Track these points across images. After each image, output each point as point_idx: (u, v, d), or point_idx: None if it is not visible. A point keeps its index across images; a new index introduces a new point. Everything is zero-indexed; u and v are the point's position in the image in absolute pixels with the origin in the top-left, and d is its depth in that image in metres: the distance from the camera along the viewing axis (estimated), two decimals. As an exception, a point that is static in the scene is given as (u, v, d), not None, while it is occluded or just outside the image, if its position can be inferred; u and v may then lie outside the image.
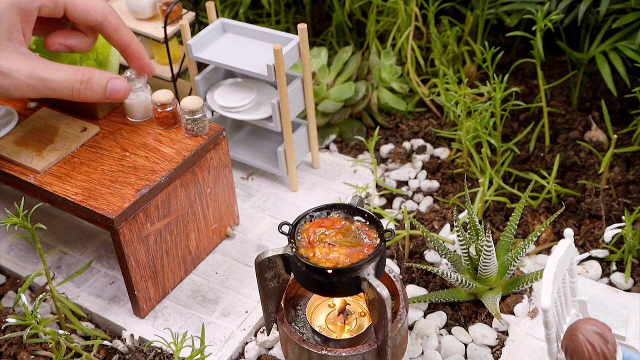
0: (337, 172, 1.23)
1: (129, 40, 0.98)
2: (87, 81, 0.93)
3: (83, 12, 0.95)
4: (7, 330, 1.01)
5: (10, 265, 1.12)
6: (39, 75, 0.91)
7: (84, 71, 0.93)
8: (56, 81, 0.92)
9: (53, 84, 0.91)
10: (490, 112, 1.11)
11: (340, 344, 0.90)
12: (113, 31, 0.97)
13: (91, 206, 0.93)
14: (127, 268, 0.97)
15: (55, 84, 0.92)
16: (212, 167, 1.05)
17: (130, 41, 0.98)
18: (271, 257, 0.85)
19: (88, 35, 0.99)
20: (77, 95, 0.93)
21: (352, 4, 1.39)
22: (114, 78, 0.95)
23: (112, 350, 1.00)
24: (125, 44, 0.98)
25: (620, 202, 1.13)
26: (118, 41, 0.98)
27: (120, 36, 0.98)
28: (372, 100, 1.30)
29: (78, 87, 0.93)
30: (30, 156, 1.00)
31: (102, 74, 0.95)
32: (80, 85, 0.93)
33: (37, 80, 0.90)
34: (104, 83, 0.94)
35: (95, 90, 0.94)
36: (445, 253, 1.01)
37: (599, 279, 1.03)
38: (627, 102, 1.30)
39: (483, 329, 0.98)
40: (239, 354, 0.99)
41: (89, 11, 0.95)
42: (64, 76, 0.92)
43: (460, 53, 1.36)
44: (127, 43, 0.98)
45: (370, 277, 0.81)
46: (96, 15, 0.95)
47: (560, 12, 1.24)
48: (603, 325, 0.71)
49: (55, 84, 0.92)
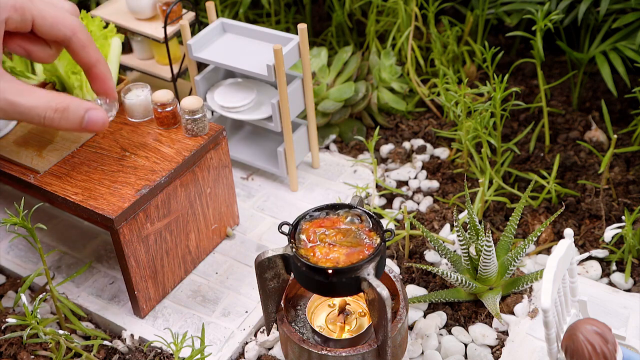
0: (337, 172, 1.23)
1: (95, 61, 0.93)
2: (62, 110, 0.88)
3: (52, 27, 0.89)
4: (7, 330, 1.01)
5: (10, 265, 1.12)
6: (8, 99, 0.85)
7: (61, 99, 0.88)
8: (26, 106, 0.86)
9: (22, 108, 0.86)
10: (490, 112, 1.11)
11: (340, 344, 0.89)
12: (80, 48, 0.92)
13: (91, 206, 0.93)
14: (127, 268, 0.97)
15: (24, 109, 0.86)
16: (212, 167, 1.05)
17: (96, 61, 0.94)
18: (271, 257, 0.85)
19: (51, 47, 0.94)
20: (49, 124, 0.88)
21: (352, 4, 1.39)
22: (93, 108, 0.90)
23: (112, 350, 1.00)
24: (91, 63, 0.93)
25: (620, 202, 1.13)
26: (84, 59, 0.93)
27: (87, 54, 0.93)
28: (372, 100, 1.30)
29: (51, 115, 0.87)
30: (30, 156, 1.00)
31: (80, 104, 0.89)
32: (54, 114, 0.87)
33: (6, 104, 0.85)
34: (80, 113, 0.89)
35: (70, 120, 0.89)
36: (445, 253, 1.01)
37: (599, 279, 1.03)
38: (627, 102, 1.30)
39: (483, 329, 0.98)
40: (239, 354, 0.99)
41: (58, 26, 0.90)
42: (36, 102, 0.87)
43: (460, 53, 1.36)
44: (93, 63, 0.93)
45: (370, 277, 0.81)
46: (65, 30, 0.90)
47: (560, 12, 1.24)
48: (603, 325, 0.71)
49: (24, 109, 0.86)
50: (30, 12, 0.87)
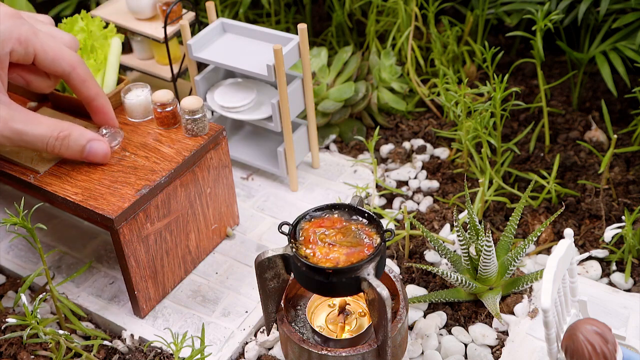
0: (337, 172, 1.23)
1: (94, 94, 0.97)
2: (63, 138, 0.92)
3: (52, 62, 0.93)
4: (7, 330, 1.01)
5: (10, 265, 1.12)
6: (14, 127, 0.89)
7: (63, 127, 0.92)
8: (32, 135, 0.90)
9: (29, 137, 0.90)
10: (490, 112, 1.11)
11: (340, 344, 0.89)
12: (80, 83, 0.96)
13: (91, 206, 0.93)
14: (127, 268, 0.97)
15: (30, 137, 0.91)
16: (212, 167, 1.05)
17: (96, 95, 0.97)
18: (271, 257, 0.85)
19: (50, 78, 0.98)
20: (51, 150, 0.93)
21: (352, 4, 1.39)
22: (95, 140, 0.94)
23: (112, 350, 1.00)
24: (91, 98, 0.97)
25: (620, 202, 1.13)
26: (84, 94, 0.97)
27: (86, 89, 0.96)
28: (372, 100, 1.30)
29: (53, 142, 0.92)
30: (30, 156, 1.00)
31: (83, 133, 0.93)
32: (56, 142, 0.92)
33: (12, 132, 0.89)
34: (82, 143, 0.93)
35: (71, 148, 0.93)
36: (445, 253, 1.01)
37: (599, 279, 1.03)
38: (627, 102, 1.30)
39: (483, 329, 0.98)
40: (239, 354, 0.99)
41: (59, 61, 0.93)
42: (41, 130, 0.91)
43: (460, 53, 1.36)
44: (93, 97, 0.97)
45: (370, 277, 0.81)
46: (65, 65, 0.94)
47: (560, 12, 1.24)
48: (603, 325, 0.71)
49: (30, 137, 0.91)
50: (34, 46, 0.91)
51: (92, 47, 1.07)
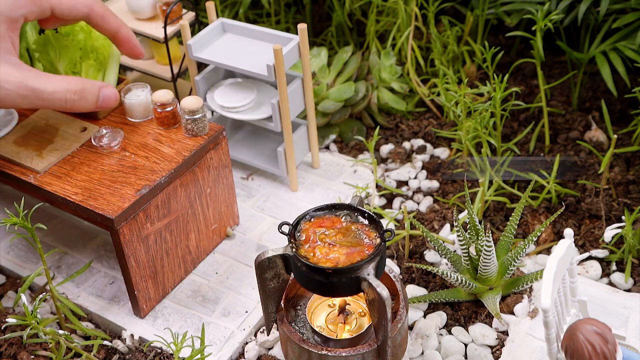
0: (337, 172, 1.23)
1: (117, 26, 1.00)
2: (80, 91, 0.93)
3: (69, 10, 0.96)
4: (7, 330, 1.01)
5: (10, 265, 1.12)
6: (29, 85, 0.89)
7: (76, 81, 0.93)
8: (47, 91, 0.91)
9: (45, 94, 0.90)
10: (490, 112, 1.11)
11: (340, 344, 0.89)
12: (100, 19, 0.98)
13: (91, 206, 0.93)
14: (127, 268, 0.97)
15: (46, 94, 0.91)
16: (212, 167, 1.05)
17: (118, 26, 1.00)
18: (271, 257, 0.85)
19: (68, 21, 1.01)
20: (70, 106, 0.93)
21: (352, 4, 1.39)
22: (104, 86, 0.96)
23: (112, 350, 1.00)
24: (114, 30, 1.00)
25: (620, 202, 1.13)
26: (106, 28, 0.99)
27: (107, 23, 0.99)
28: (372, 100, 1.30)
29: (72, 97, 0.92)
30: (30, 156, 1.00)
31: (94, 83, 0.94)
32: (74, 96, 0.92)
33: (28, 91, 0.89)
34: (96, 92, 0.94)
35: (88, 100, 0.94)
36: (445, 253, 1.01)
37: (599, 279, 1.03)
38: (627, 102, 1.30)
39: (483, 329, 0.98)
40: (239, 354, 0.99)
41: (75, 6, 0.96)
42: (55, 86, 0.91)
43: (460, 53, 1.36)
44: (116, 29, 1.00)
45: (370, 277, 0.81)
46: (82, 8, 0.96)
47: (560, 12, 1.24)
48: (603, 325, 0.71)
49: (46, 94, 0.91)
50: (49, 2, 0.94)
51: (92, 47, 1.07)
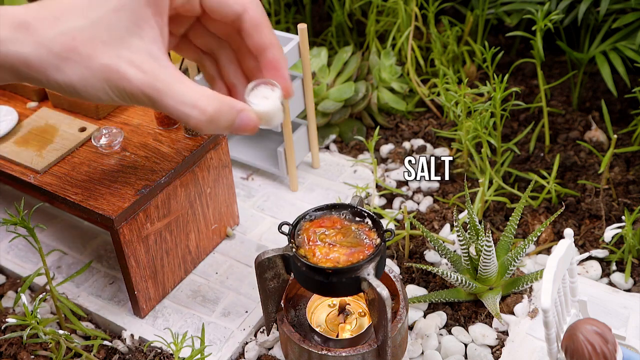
0: (337, 172, 1.23)
1: (268, 43, 0.77)
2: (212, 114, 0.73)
3: (219, 5, 0.76)
4: (7, 330, 1.01)
5: (10, 265, 1.12)
6: (155, 86, 0.72)
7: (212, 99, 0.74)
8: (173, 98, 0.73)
9: (169, 100, 0.73)
10: (490, 112, 1.11)
11: (340, 344, 0.90)
12: (252, 27, 0.77)
13: (91, 206, 0.93)
14: (127, 268, 0.97)
15: (170, 101, 0.73)
16: (212, 167, 1.05)
17: (269, 44, 0.78)
18: (271, 257, 0.85)
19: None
20: (194, 124, 0.74)
21: (352, 4, 1.39)
22: (244, 110, 0.75)
23: (112, 350, 1.00)
24: (263, 47, 0.78)
25: (620, 202, 1.13)
26: (255, 41, 0.78)
27: (259, 35, 0.77)
28: (372, 100, 1.30)
29: (197, 115, 0.73)
30: (30, 156, 1.00)
31: (233, 105, 0.75)
32: (201, 115, 0.73)
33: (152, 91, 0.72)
34: (232, 117, 0.75)
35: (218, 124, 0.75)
36: (445, 253, 1.01)
37: (599, 279, 1.03)
38: (627, 102, 1.30)
39: (483, 329, 0.98)
40: (239, 354, 0.99)
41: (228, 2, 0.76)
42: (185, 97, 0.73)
43: (460, 53, 1.36)
44: (266, 45, 0.78)
45: (370, 277, 0.81)
46: (234, 5, 0.76)
47: (560, 12, 1.24)
48: (603, 325, 0.71)
49: (170, 100, 0.73)
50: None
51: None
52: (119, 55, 0.71)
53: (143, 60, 0.72)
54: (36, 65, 0.71)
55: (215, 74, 0.83)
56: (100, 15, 0.71)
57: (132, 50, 0.72)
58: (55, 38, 0.70)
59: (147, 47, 0.73)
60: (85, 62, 0.71)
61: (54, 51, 0.70)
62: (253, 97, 0.76)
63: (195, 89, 0.74)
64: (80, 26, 0.70)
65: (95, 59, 0.71)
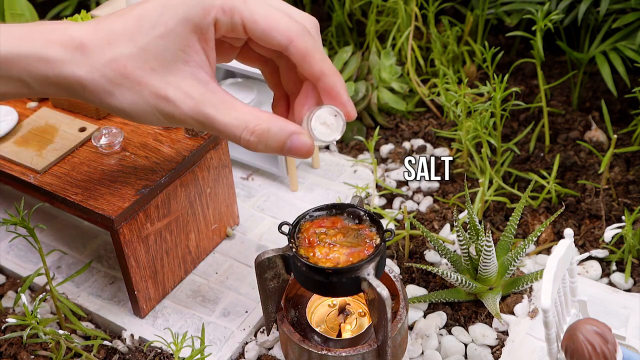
0: (337, 172, 1.23)
1: (318, 72, 0.76)
2: (260, 134, 0.74)
3: (263, 33, 0.74)
4: (7, 330, 1.01)
5: (10, 265, 1.12)
6: (204, 112, 0.74)
7: (260, 120, 0.74)
8: (222, 123, 0.74)
9: (219, 125, 0.74)
10: (490, 112, 1.11)
11: (340, 344, 0.90)
12: (300, 59, 0.75)
13: (91, 206, 0.93)
14: (127, 268, 0.97)
15: (220, 126, 0.74)
16: (212, 167, 1.05)
17: (320, 73, 0.76)
18: (271, 257, 0.85)
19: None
20: (244, 145, 0.76)
21: (352, 4, 1.39)
22: (296, 133, 0.75)
23: (112, 350, 1.00)
24: (315, 76, 0.76)
25: (620, 202, 1.13)
26: (306, 72, 0.76)
27: (309, 66, 0.75)
28: (372, 100, 1.30)
29: (247, 137, 0.74)
30: (30, 156, 1.00)
31: (283, 127, 0.75)
32: (251, 137, 0.74)
33: (202, 116, 0.74)
34: (282, 138, 0.75)
35: (269, 145, 0.75)
36: (445, 253, 1.01)
37: (599, 279, 1.03)
38: (627, 102, 1.30)
39: (483, 329, 0.98)
40: (239, 354, 0.99)
41: (272, 33, 0.74)
42: (232, 119, 0.74)
43: (460, 53, 1.36)
44: (317, 75, 0.76)
45: (370, 277, 0.81)
46: (279, 37, 0.74)
47: (560, 12, 1.24)
48: (603, 325, 0.71)
49: (220, 125, 0.74)
50: (240, 15, 0.74)
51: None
52: (168, 81, 0.73)
53: (191, 86, 0.74)
54: (90, 88, 0.74)
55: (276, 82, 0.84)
56: (148, 41, 0.72)
57: (180, 76, 0.74)
58: (108, 64, 0.73)
59: (194, 72, 0.74)
60: (136, 88, 0.73)
61: (107, 76, 0.73)
62: (315, 121, 0.76)
63: (244, 110, 0.75)
64: (130, 53, 0.73)
65: (145, 86, 0.73)
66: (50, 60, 0.73)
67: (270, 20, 0.74)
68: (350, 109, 0.78)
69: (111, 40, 0.73)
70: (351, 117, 0.78)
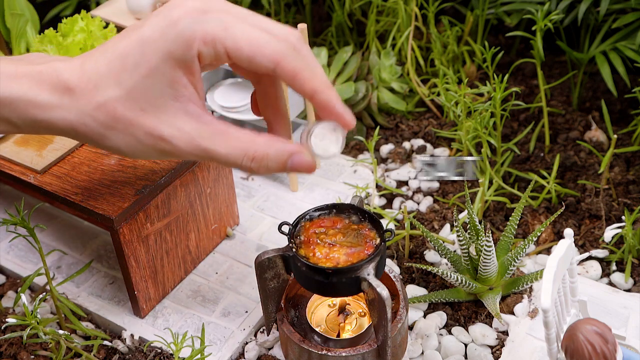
0: (337, 172, 1.23)
1: (311, 91, 0.74)
2: (260, 159, 0.74)
3: (249, 60, 0.72)
4: (7, 330, 1.01)
5: (10, 265, 1.12)
6: (202, 146, 0.74)
7: (258, 145, 0.74)
8: (221, 154, 0.74)
9: (218, 156, 0.74)
10: (490, 112, 1.12)
11: (340, 344, 0.90)
12: (290, 80, 0.73)
13: (91, 206, 0.93)
14: (127, 268, 0.97)
15: (220, 157, 0.74)
16: (212, 167, 1.05)
17: (312, 92, 0.74)
18: (271, 257, 0.85)
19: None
20: (248, 171, 0.76)
21: (352, 4, 1.39)
22: (297, 152, 0.75)
23: (112, 350, 1.00)
24: (308, 95, 0.74)
25: (620, 202, 1.13)
26: (299, 90, 0.74)
27: (300, 85, 0.73)
28: (372, 100, 1.30)
29: (248, 164, 0.75)
30: (30, 156, 1.00)
31: (282, 149, 0.75)
32: (252, 163, 0.75)
33: (200, 150, 0.74)
34: (283, 160, 0.75)
35: (270, 168, 0.75)
36: (445, 253, 1.01)
37: (599, 279, 1.04)
38: (627, 102, 1.30)
39: (483, 329, 0.98)
40: (239, 354, 0.99)
41: (256, 58, 0.72)
42: (230, 149, 0.74)
43: (460, 53, 1.36)
44: (310, 94, 0.74)
45: (370, 277, 0.81)
46: (265, 62, 0.72)
47: (560, 12, 1.24)
48: (603, 325, 0.71)
49: (220, 157, 0.74)
50: (223, 44, 0.72)
51: (92, 47, 1.07)
52: (160, 120, 0.73)
53: (184, 121, 0.73)
54: (82, 132, 0.74)
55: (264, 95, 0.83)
56: (134, 81, 0.72)
57: (171, 113, 0.73)
58: (98, 108, 0.72)
59: (184, 107, 0.73)
60: (129, 130, 0.73)
61: (98, 120, 0.73)
62: (314, 137, 0.76)
63: (241, 138, 0.75)
64: (118, 96, 0.72)
65: (138, 127, 0.73)
66: (39, 104, 0.72)
67: (254, 45, 0.72)
68: (348, 118, 0.76)
69: (97, 83, 0.72)
70: (350, 127, 0.76)
